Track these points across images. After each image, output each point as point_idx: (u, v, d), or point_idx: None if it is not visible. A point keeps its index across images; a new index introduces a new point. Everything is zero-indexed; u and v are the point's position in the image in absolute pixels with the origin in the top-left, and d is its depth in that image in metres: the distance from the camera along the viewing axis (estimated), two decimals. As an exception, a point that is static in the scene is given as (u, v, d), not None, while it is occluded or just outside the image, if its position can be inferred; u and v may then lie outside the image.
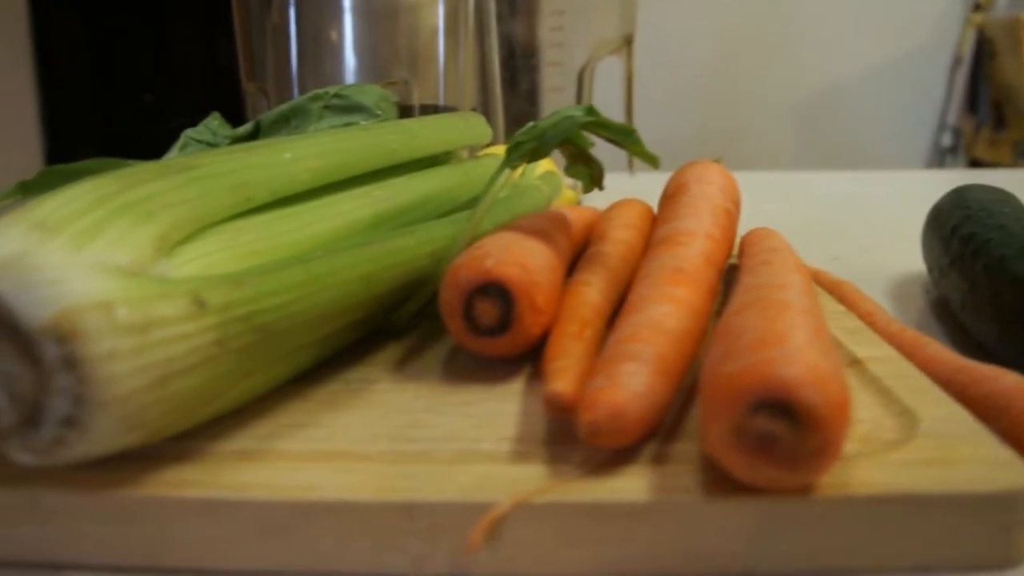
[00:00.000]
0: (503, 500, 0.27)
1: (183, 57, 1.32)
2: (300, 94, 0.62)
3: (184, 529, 0.28)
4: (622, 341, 0.31)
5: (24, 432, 0.27)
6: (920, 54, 1.26)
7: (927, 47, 1.26)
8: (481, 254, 0.34)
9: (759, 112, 1.19)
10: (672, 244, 0.39)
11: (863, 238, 0.67)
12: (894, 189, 0.86)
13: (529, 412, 0.33)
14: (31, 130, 1.04)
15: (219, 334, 0.29)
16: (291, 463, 0.30)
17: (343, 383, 0.35)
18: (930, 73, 1.26)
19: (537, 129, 0.38)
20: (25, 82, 1.02)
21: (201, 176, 0.33)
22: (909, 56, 1.25)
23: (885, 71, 1.25)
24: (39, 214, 0.28)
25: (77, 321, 0.26)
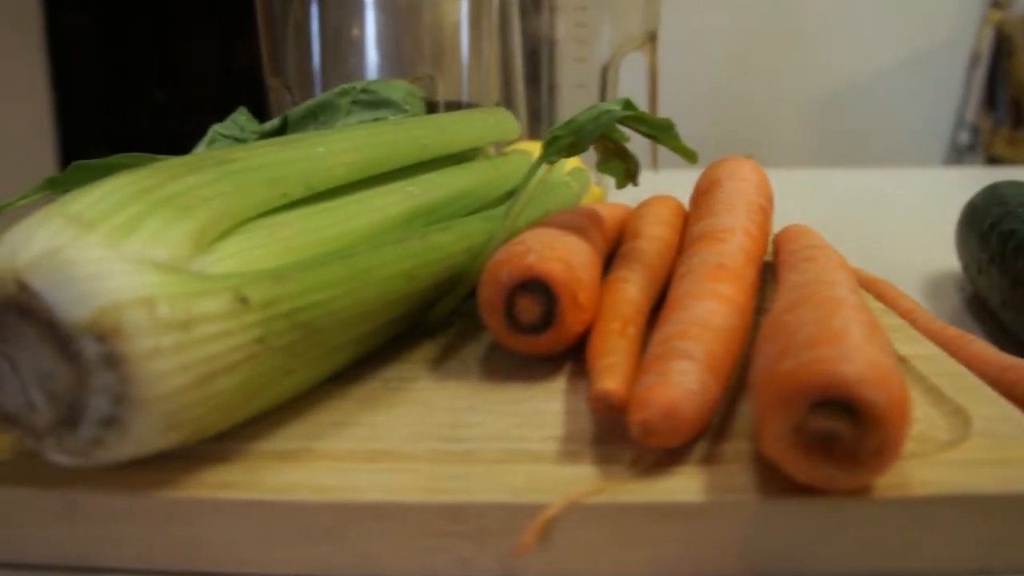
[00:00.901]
0: (555, 501, 0.26)
1: (195, 55, 1.32)
2: (322, 90, 0.61)
3: (225, 532, 0.28)
4: (670, 338, 0.30)
5: (61, 432, 0.27)
6: (938, 52, 1.25)
7: (945, 45, 1.25)
8: (522, 250, 0.34)
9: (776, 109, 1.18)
10: (711, 240, 0.38)
11: (889, 236, 0.66)
12: (915, 186, 0.86)
13: (574, 411, 0.32)
14: (45, 128, 1.04)
15: (262, 331, 0.28)
16: (333, 463, 0.29)
17: (381, 381, 0.35)
18: (948, 71, 1.26)
19: (575, 124, 0.37)
20: (39, 80, 1.01)
21: (237, 171, 0.32)
22: (927, 54, 1.24)
23: (903, 69, 1.24)
24: (76, 208, 0.28)
25: (118, 318, 0.25)
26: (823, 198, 0.74)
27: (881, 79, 1.24)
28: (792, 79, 1.19)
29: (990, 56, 1.39)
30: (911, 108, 1.25)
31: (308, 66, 0.59)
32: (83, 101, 1.14)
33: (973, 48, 1.27)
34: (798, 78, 1.20)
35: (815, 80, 1.23)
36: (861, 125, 1.20)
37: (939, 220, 0.58)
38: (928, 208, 0.76)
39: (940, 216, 0.58)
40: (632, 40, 0.62)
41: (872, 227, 0.67)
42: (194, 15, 1.29)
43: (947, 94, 1.25)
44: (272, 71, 0.62)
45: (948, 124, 1.24)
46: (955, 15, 1.24)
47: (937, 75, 1.25)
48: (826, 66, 1.25)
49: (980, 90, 1.31)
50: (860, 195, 0.77)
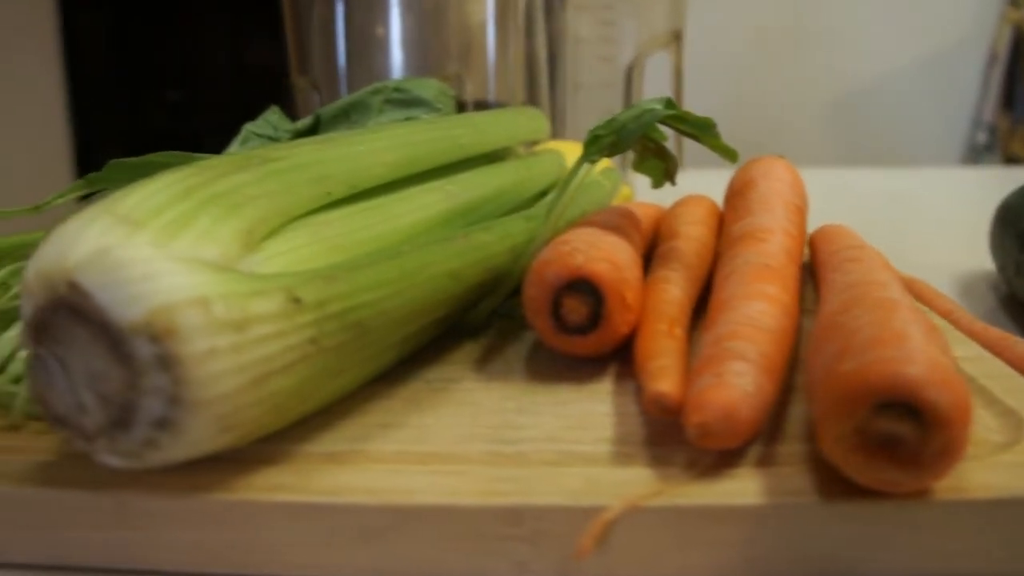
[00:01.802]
0: (613, 504, 0.26)
1: (209, 55, 1.31)
2: (348, 88, 0.61)
3: (277, 534, 0.27)
4: (722, 339, 0.30)
5: (112, 433, 0.26)
6: (955, 51, 1.24)
7: (962, 44, 1.24)
8: (569, 250, 0.33)
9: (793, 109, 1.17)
10: (753, 241, 0.38)
11: (914, 236, 0.66)
12: (935, 186, 0.85)
13: (623, 413, 0.31)
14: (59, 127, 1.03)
15: (314, 332, 0.28)
16: (384, 465, 0.29)
17: (424, 382, 0.34)
18: (965, 70, 1.25)
19: (616, 123, 0.37)
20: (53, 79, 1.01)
21: (282, 169, 0.32)
22: (944, 53, 1.24)
23: (920, 68, 1.23)
24: (124, 207, 0.27)
25: (172, 318, 0.25)
26: (843, 198, 0.74)
27: (898, 79, 1.23)
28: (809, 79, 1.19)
29: (1008, 55, 1.38)
30: (928, 108, 1.24)
31: (334, 65, 0.59)
32: (97, 100, 1.14)
33: (991, 47, 1.26)
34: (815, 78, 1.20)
35: (832, 80, 1.23)
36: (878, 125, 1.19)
37: (964, 220, 0.58)
38: (951, 208, 0.75)
39: (965, 216, 0.58)
40: (657, 39, 0.62)
41: (896, 227, 0.67)
42: (208, 15, 1.28)
43: (964, 94, 1.25)
44: (299, 70, 0.61)
45: (965, 124, 1.23)
46: (973, 14, 1.23)
47: (954, 75, 1.25)
48: (842, 66, 1.24)
49: (998, 89, 1.31)
50: (880, 195, 0.77)
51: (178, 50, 1.29)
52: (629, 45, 0.62)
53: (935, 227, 0.69)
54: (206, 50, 1.30)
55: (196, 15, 1.27)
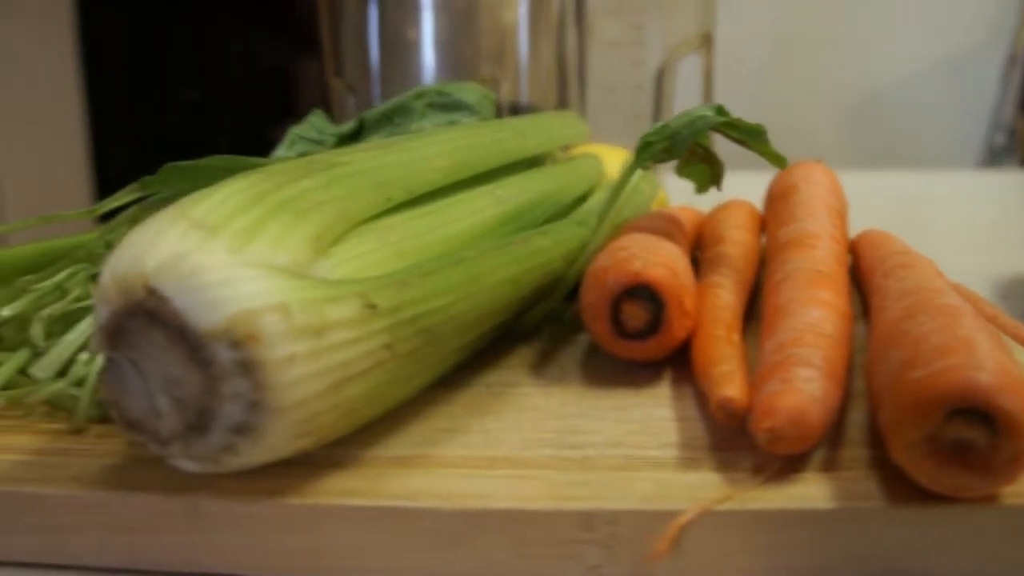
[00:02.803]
0: (686, 508, 0.26)
1: (225, 55, 1.31)
2: (381, 91, 0.61)
3: (349, 538, 0.28)
4: (786, 345, 0.30)
5: (188, 438, 0.27)
6: (974, 54, 1.25)
7: (982, 46, 1.24)
8: (627, 256, 0.33)
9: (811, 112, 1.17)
10: (802, 247, 0.38)
11: (941, 239, 0.66)
12: (957, 189, 0.86)
13: (685, 417, 0.32)
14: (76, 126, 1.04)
15: (389, 337, 0.28)
16: (453, 470, 0.29)
17: (484, 387, 0.35)
18: (984, 72, 1.25)
19: (668, 129, 0.37)
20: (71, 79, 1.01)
21: (345, 175, 0.32)
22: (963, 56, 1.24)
23: (939, 71, 1.24)
24: (198, 212, 0.28)
25: (253, 324, 0.25)
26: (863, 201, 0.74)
27: (916, 82, 1.24)
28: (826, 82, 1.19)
29: (1028, 58, 1.40)
30: (947, 110, 1.24)
31: (367, 67, 0.59)
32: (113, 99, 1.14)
33: (1010, 50, 1.27)
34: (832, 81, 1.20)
35: (850, 82, 1.23)
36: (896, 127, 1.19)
37: (988, 223, 0.58)
38: (973, 211, 0.76)
39: (988, 219, 0.58)
40: (688, 42, 0.62)
41: (920, 231, 0.67)
42: (225, 15, 1.29)
43: (983, 96, 1.25)
44: (334, 72, 0.62)
45: (984, 126, 1.24)
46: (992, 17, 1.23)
47: (973, 77, 1.25)
48: (861, 69, 1.24)
49: (1017, 92, 1.31)
50: (901, 198, 0.77)
51: (194, 50, 1.29)
52: (659, 48, 0.62)
53: (960, 230, 0.69)
54: (221, 51, 1.30)
55: (212, 16, 1.28)
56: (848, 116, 1.19)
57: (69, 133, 1.06)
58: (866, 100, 1.24)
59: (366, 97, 0.59)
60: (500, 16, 0.59)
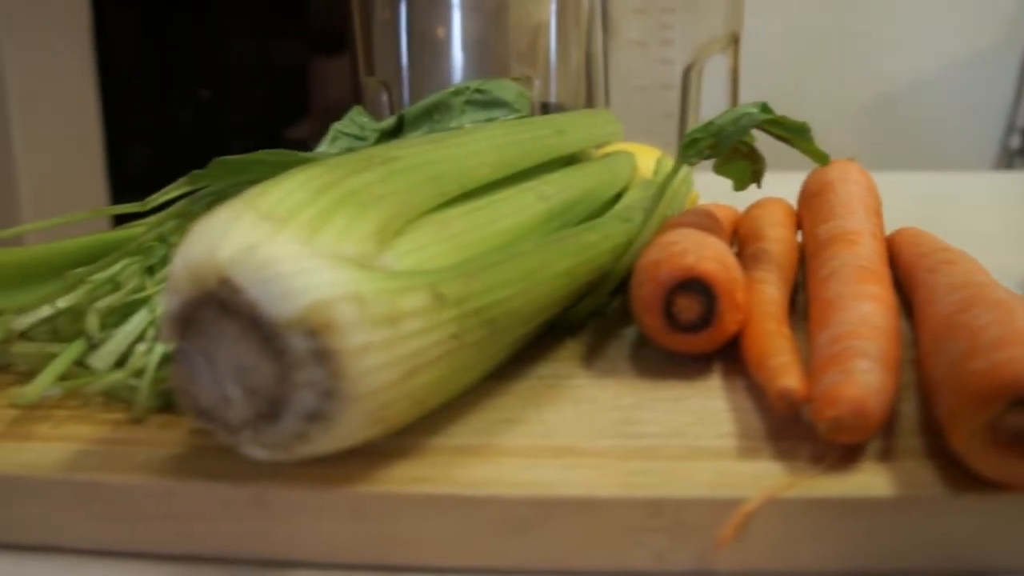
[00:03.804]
0: (751, 496, 0.27)
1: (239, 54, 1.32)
2: (409, 89, 0.61)
3: (419, 527, 0.28)
4: (842, 338, 0.31)
5: (258, 426, 0.27)
6: (990, 55, 1.25)
7: (997, 48, 1.25)
8: (680, 250, 0.34)
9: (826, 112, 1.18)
10: (845, 243, 0.38)
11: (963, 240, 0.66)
12: (978, 190, 0.86)
13: (739, 408, 0.32)
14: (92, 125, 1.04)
15: (456, 328, 0.28)
16: (517, 459, 0.29)
17: (536, 379, 0.35)
18: (1000, 74, 1.26)
19: (714, 126, 0.37)
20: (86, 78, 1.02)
21: (402, 169, 0.33)
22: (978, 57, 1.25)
23: (954, 72, 1.24)
24: (265, 204, 0.28)
25: (329, 314, 0.25)
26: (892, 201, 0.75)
27: (932, 83, 1.24)
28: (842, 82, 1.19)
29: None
30: (962, 112, 1.25)
31: (397, 65, 0.59)
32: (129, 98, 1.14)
33: (1026, 51, 1.29)
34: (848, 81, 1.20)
35: (865, 83, 1.24)
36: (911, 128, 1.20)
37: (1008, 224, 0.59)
38: (992, 212, 0.76)
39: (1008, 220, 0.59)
40: (716, 42, 0.63)
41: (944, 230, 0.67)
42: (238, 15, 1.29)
43: (999, 98, 1.25)
44: (367, 70, 0.62)
45: (999, 128, 1.24)
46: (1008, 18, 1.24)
47: (989, 78, 1.25)
48: (876, 69, 1.25)
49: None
50: (921, 198, 0.78)
51: (207, 50, 1.29)
52: (685, 48, 0.63)
53: (980, 231, 0.70)
54: (235, 51, 1.31)
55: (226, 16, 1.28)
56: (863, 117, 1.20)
57: (85, 132, 1.06)
58: (881, 101, 1.25)
59: (399, 95, 0.59)
60: (529, 15, 0.60)
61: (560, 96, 0.61)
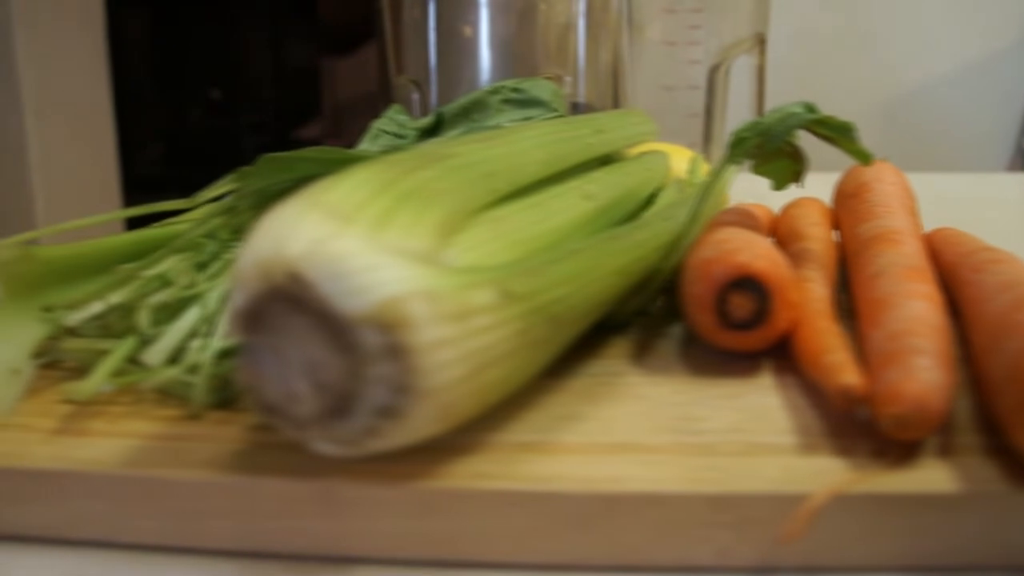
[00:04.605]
0: (816, 491, 0.27)
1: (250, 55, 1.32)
2: (438, 88, 0.62)
3: (483, 523, 0.28)
4: (899, 336, 0.31)
5: (327, 422, 0.27)
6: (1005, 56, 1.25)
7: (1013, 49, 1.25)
8: (732, 248, 0.34)
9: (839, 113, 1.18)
10: (888, 242, 0.39)
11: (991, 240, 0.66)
12: (996, 191, 0.86)
13: (794, 406, 0.32)
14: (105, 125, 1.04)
15: (522, 324, 0.28)
16: (579, 455, 0.29)
17: (589, 376, 0.35)
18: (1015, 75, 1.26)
19: (761, 125, 0.38)
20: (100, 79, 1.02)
21: (458, 166, 0.33)
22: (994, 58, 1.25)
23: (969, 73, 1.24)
24: (331, 200, 0.28)
25: (403, 309, 0.25)
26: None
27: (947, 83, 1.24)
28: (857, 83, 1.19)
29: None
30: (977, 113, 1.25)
31: (425, 65, 0.59)
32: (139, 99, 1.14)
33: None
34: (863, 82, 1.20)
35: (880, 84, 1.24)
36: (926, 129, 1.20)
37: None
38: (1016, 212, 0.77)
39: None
40: (742, 43, 0.63)
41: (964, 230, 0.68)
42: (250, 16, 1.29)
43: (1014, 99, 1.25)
44: (397, 70, 0.62)
45: (1014, 129, 1.24)
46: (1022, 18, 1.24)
47: (1004, 80, 1.25)
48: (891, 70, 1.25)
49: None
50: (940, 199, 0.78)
51: (220, 50, 1.30)
52: (712, 48, 0.63)
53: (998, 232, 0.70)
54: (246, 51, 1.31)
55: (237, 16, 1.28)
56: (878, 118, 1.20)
57: (99, 131, 1.06)
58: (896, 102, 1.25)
59: (428, 94, 0.59)
60: (558, 15, 0.60)
61: (588, 96, 0.61)
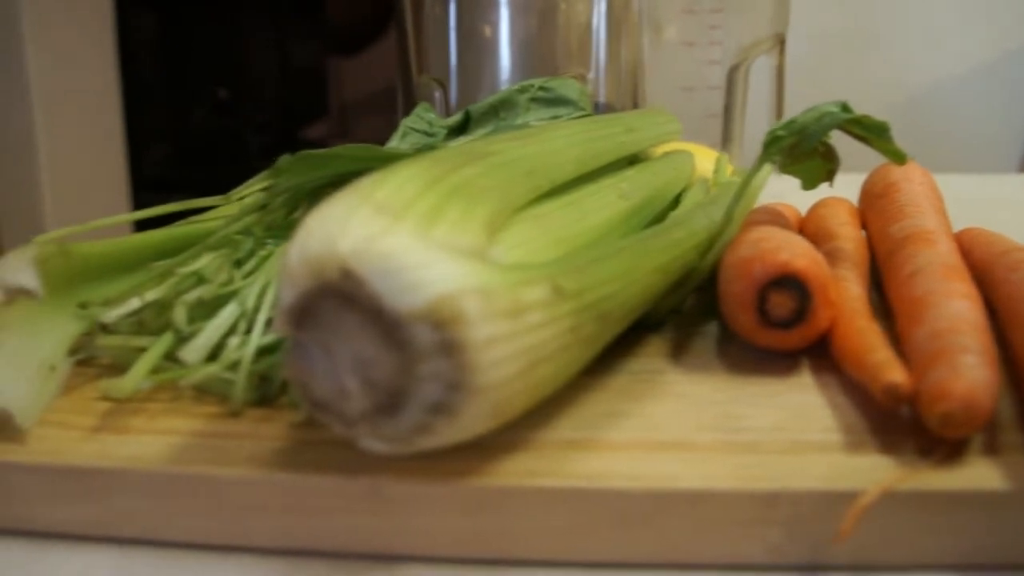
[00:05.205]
0: (866, 489, 0.27)
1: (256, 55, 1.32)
2: (458, 87, 0.62)
3: (533, 520, 0.28)
4: (943, 334, 0.31)
5: (377, 419, 0.27)
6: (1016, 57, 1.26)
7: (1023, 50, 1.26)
8: (772, 247, 0.34)
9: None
10: (923, 242, 0.39)
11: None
12: (1007, 192, 0.86)
13: (836, 404, 0.32)
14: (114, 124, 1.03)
15: (573, 321, 0.28)
16: (626, 453, 0.29)
17: (628, 374, 0.35)
18: (1023, 76, 1.27)
19: (796, 124, 0.38)
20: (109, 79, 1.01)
21: (501, 163, 0.33)
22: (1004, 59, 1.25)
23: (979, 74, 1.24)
24: (380, 196, 0.28)
25: (457, 306, 0.25)
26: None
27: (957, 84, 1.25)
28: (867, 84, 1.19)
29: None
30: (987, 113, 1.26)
31: (446, 64, 0.59)
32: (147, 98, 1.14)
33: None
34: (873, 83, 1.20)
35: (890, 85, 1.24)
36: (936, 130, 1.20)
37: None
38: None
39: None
40: (761, 43, 0.63)
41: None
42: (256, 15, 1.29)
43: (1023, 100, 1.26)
44: (419, 69, 0.62)
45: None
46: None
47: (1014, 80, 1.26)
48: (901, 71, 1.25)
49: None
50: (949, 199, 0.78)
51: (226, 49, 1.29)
52: (731, 48, 0.63)
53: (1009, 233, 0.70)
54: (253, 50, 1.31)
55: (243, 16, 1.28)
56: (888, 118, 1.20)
57: (107, 130, 1.06)
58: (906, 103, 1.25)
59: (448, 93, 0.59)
60: (578, 15, 0.60)
61: (608, 96, 0.61)
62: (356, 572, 0.28)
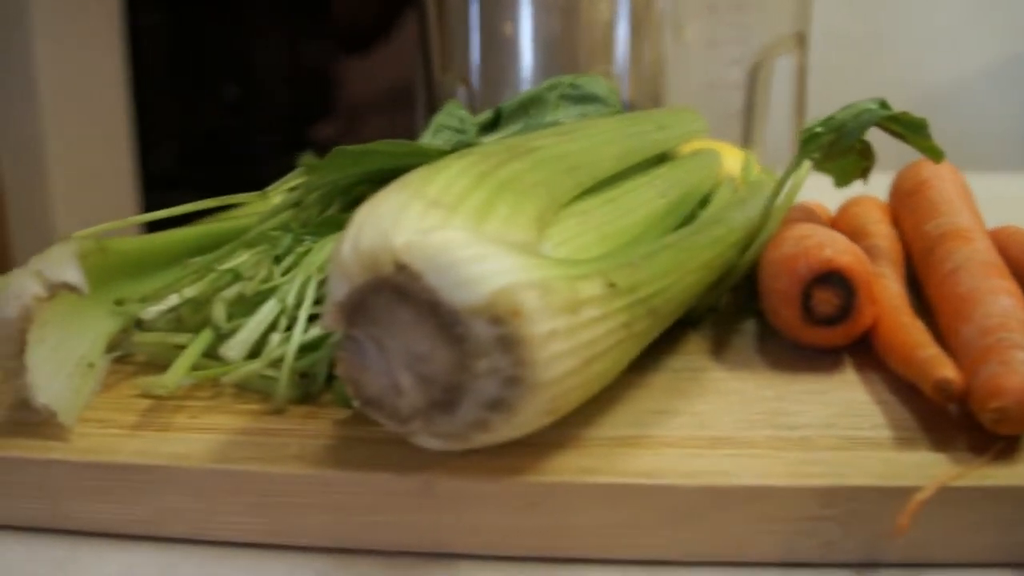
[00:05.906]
0: (921, 485, 0.27)
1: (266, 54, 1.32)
2: (480, 85, 0.62)
3: (587, 517, 0.28)
4: (992, 331, 0.31)
5: (432, 415, 0.27)
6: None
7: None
8: (816, 243, 0.34)
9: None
10: (960, 239, 0.38)
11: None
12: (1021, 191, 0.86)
13: (883, 400, 0.32)
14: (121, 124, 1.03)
15: (627, 316, 0.28)
16: (679, 450, 0.29)
17: (671, 371, 0.35)
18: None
19: (835, 121, 0.38)
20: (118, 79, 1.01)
21: (545, 159, 0.32)
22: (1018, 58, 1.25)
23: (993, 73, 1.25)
24: (432, 191, 0.28)
25: (516, 300, 0.25)
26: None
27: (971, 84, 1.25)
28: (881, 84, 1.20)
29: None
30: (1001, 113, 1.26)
31: (467, 63, 0.59)
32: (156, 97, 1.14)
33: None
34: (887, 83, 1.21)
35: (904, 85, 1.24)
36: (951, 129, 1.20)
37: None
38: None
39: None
40: (783, 42, 0.63)
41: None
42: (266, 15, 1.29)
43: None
44: (443, 67, 0.62)
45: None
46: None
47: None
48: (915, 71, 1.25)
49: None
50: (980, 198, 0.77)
51: (236, 48, 1.29)
52: (753, 47, 0.63)
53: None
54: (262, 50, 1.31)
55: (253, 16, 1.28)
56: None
57: (115, 129, 1.06)
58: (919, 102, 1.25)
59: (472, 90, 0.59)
60: (601, 13, 0.60)
61: (631, 94, 0.61)
62: (406, 570, 0.28)
